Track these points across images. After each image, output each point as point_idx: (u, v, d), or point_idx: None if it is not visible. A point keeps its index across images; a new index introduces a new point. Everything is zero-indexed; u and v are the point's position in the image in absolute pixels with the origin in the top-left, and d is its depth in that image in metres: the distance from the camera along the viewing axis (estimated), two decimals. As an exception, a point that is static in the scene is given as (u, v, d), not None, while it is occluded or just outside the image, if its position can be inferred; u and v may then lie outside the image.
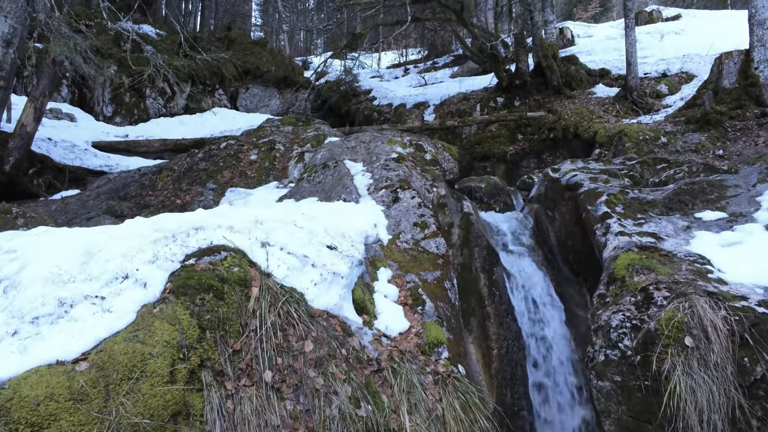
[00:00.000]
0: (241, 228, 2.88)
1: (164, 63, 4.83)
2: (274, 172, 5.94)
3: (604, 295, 3.34)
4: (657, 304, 2.84)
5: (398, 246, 3.88)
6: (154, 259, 2.45)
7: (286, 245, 2.92)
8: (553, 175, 5.53)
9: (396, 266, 3.59)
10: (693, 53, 9.83)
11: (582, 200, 4.63)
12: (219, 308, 2.34)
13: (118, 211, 5.51)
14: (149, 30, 10.31)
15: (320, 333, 2.62)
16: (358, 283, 3.14)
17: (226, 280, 2.48)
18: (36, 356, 1.83)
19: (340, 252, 3.06)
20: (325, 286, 2.85)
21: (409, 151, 5.81)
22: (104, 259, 2.39)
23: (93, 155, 7.38)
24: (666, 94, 8.70)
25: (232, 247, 2.74)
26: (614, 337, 2.78)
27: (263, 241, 2.89)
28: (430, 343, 2.89)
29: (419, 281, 3.49)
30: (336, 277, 2.90)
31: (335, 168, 5.39)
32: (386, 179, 4.93)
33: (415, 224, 4.18)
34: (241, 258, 2.69)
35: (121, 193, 6.08)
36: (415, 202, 4.45)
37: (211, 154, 6.34)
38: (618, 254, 3.60)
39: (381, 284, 3.36)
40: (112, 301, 2.17)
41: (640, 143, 6.75)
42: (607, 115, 8.30)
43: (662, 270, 3.29)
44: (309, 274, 2.86)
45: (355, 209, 4.24)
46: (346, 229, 3.50)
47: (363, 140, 5.97)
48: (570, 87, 9.62)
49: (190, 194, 5.60)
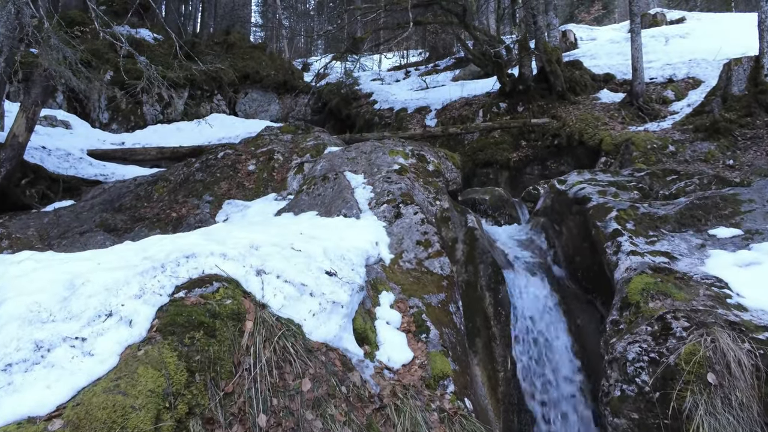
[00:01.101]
0: (235, 255, 2.72)
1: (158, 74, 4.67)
2: (272, 183, 5.78)
3: (617, 321, 3.18)
4: (676, 336, 2.68)
5: (401, 266, 3.72)
6: (140, 293, 2.29)
7: (283, 272, 2.76)
8: (560, 187, 5.37)
9: (399, 289, 3.43)
10: (700, 58, 9.66)
11: (591, 216, 4.46)
12: (210, 347, 2.18)
13: (112, 224, 5.36)
14: (146, 34, 10.16)
15: (318, 369, 2.46)
16: (359, 311, 2.98)
17: (217, 315, 2.32)
18: (6, 411, 1.67)
19: (339, 278, 2.90)
20: (324, 317, 2.69)
21: (411, 162, 5.65)
22: (87, 293, 2.23)
23: (88, 164, 7.23)
24: (672, 99, 8.54)
25: (224, 276, 2.58)
26: (631, 372, 2.62)
27: (258, 268, 2.73)
28: (435, 376, 2.73)
29: (423, 305, 3.33)
30: (335, 306, 2.74)
31: (335, 180, 5.23)
32: (388, 193, 4.77)
33: (418, 242, 4.02)
34: (234, 288, 2.53)
35: (116, 205, 5.93)
36: (418, 218, 4.29)
37: (208, 164, 6.19)
38: (631, 276, 3.43)
39: (383, 310, 3.20)
40: (93, 342, 2.02)
41: (647, 152, 6.59)
42: (613, 121, 8.14)
43: (679, 295, 3.13)
44: (307, 303, 2.70)
45: (355, 226, 4.09)
46: (346, 250, 3.34)
47: (364, 150, 5.81)
48: (574, 92, 9.46)
49: (186, 207, 5.44)
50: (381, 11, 9.09)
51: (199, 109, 9.65)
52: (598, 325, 4.33)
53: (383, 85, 15.81)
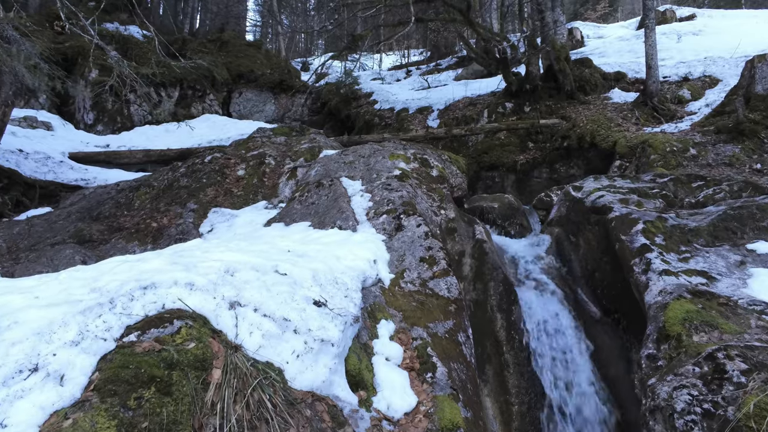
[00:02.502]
0: (205, 284, 2.28)
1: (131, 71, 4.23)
2: (263, 189, 5.34)
3: (654, 356, 2.73)
4: (733, 381, 2.23)
5: (402, 288, 3.27)
6: (79, 339, 1.84)
7: (262, 304, 2.31)
8: (576, 194, 4.92)
9: (400, 316, 2.98)
10: (716, 55, 9.20)
11: (614, 228, 4.01)
12: (163, 408, 1.74)
13: (87, 235, 4.91)
14: (136, 31, 9.71)
15: (302, 428, 2.01)
16: (353, 347, 2.53)
17: (176, 365, 1.87)
18: None
19: (330, 309, 2.45)
20: (310, 358, 2.24)
21: (413, 166, 5.20)
22: (11, 340, 1.78)
23: (69, 168, 6.78)
24: (689, 99, 8.07)
25: (189, 312, 2.13)
26: (681, 426, 2.17)
27: (232, 300, 2.28)
28: (443, 429, 2.28)
29: (428, 336, 2.88)
30: (324, 345, 2.29)
31: (330, 187, 4.79)
32: (388, 202, 4.32)
33: (421, 259, 3.57)
34: (200, 327, 2.09)
35: (94, 213, 5.48)
36: (422, 231, 3.84)
37: (194, 168, 5.74)
38: (667, 302, 2.98)
39: (382, 343, 2.75)
40: (8, 409, 1.57)
41: (666, 155, 6.14)
42: (627, 122, 7.68)
43: (727, 327, 2.68)
44: (290, 342, 2.25)
45: (351, 240, 3.64)
46: (340, 272, 2.89)
47: (362, 154, 5.36)
48: (584, 92, 9.00)
49: (168, 216, 4.99)
50: (381, 6, 8.64)
51: (190, 109, 9.19)
52: (623, 350, 3.89)
53: (384, 84, 15.36)
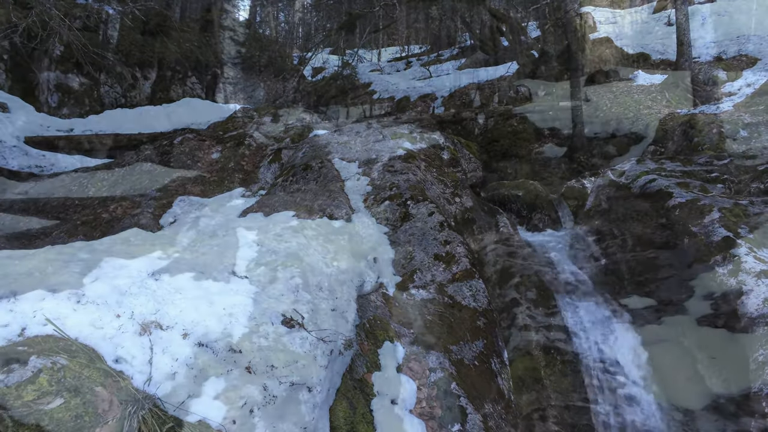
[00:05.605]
0: (103, 294, 1.42)
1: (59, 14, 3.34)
2: (240, 174, 4.48)
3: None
4: None
5: (412, 296, 2.41)
6: None
7: (196, 326, 1.45)
8: (618, 179, 4.07)
9: (410, 336, 2.12)
10: (750, 34, 8.37)
11: (679, 216, 3.16)
12: None
13: (25, 229, 4.05)
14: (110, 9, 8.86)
15: None
16: (343, 387, 1.67)
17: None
18: None
19: (308, 333, 1.59)
20: (271, 414, 1.38)
21: (420, 146, 4.35)
22: None
23: (23, 153, 5.92)
24: (725, 80, 7.23)
25: (66, 341, 1.27)
26: None
27: (147, 320, 1.42)
28: None
29: (450, 364, 2.02)
30: (296, 391, 1.44)
31: (320, 170, 3.93)
32: (391, 186, 3.46)
33: (436, 257, 2.71)
34: (82, 368, 1.23)
35: (41, 204, 4.62)
36: (435, 220, 2.98)
37: (161, 151, 4.88)
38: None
39: (385, 377, 1.89)
40: None
41: (713, 137, 5.29)
42: (657, 104, 6.83)
43: None
44: (241, 388, 1.39)
45: (345, 232, 2.77)
46: (325, 275, 2.04)
47: (359, 132, 4.51)
48: (605, 74, 8.15)
49: (124, 205, 4.13)
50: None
51: (169, 92, 8.31)
52: (689, 370, 3.04)
53: (383, 75, 14.56)
